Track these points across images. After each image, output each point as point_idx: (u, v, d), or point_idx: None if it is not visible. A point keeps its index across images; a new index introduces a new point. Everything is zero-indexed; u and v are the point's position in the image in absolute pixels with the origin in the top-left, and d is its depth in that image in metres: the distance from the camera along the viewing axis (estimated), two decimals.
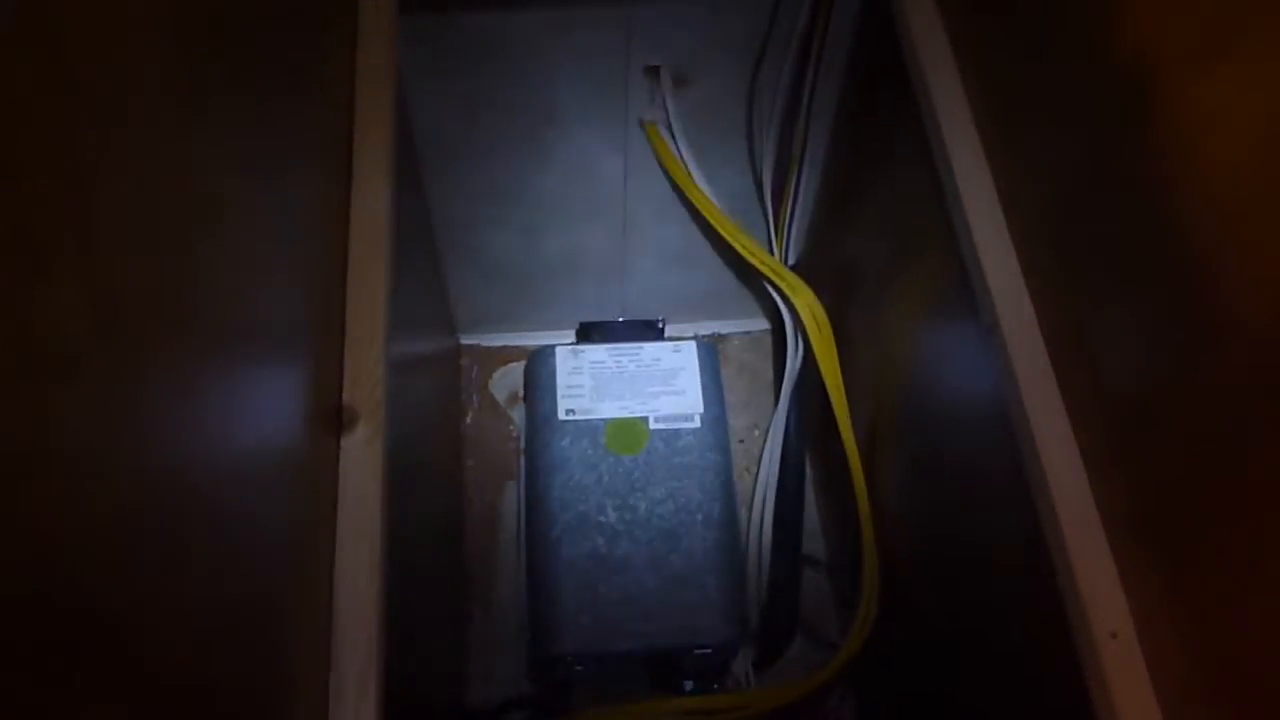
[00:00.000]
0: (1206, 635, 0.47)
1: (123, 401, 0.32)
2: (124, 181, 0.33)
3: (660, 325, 1.09)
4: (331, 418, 0.56)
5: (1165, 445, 0.50)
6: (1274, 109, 0.42)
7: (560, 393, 0.99)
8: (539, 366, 1.02)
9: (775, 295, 0.95)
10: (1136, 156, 0.50)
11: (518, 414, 1.12)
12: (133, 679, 0.33)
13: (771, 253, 0.97)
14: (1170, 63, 0.48)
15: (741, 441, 1.12)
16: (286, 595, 0.48)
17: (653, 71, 0.85)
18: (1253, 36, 0.43)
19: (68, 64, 0.30)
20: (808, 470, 1.03)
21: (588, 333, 1.09)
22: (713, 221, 0.93)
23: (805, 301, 0.93)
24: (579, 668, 0.92)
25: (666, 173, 0.93)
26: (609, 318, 1.11)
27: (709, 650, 0.91)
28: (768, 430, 1.01)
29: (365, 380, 0.58)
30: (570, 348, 1.02)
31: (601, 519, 0.94)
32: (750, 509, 1.00)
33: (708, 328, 1.18)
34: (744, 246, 0.94)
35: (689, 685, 0.94)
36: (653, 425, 0.98)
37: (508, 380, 1.15)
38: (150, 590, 0.34)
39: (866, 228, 0.91)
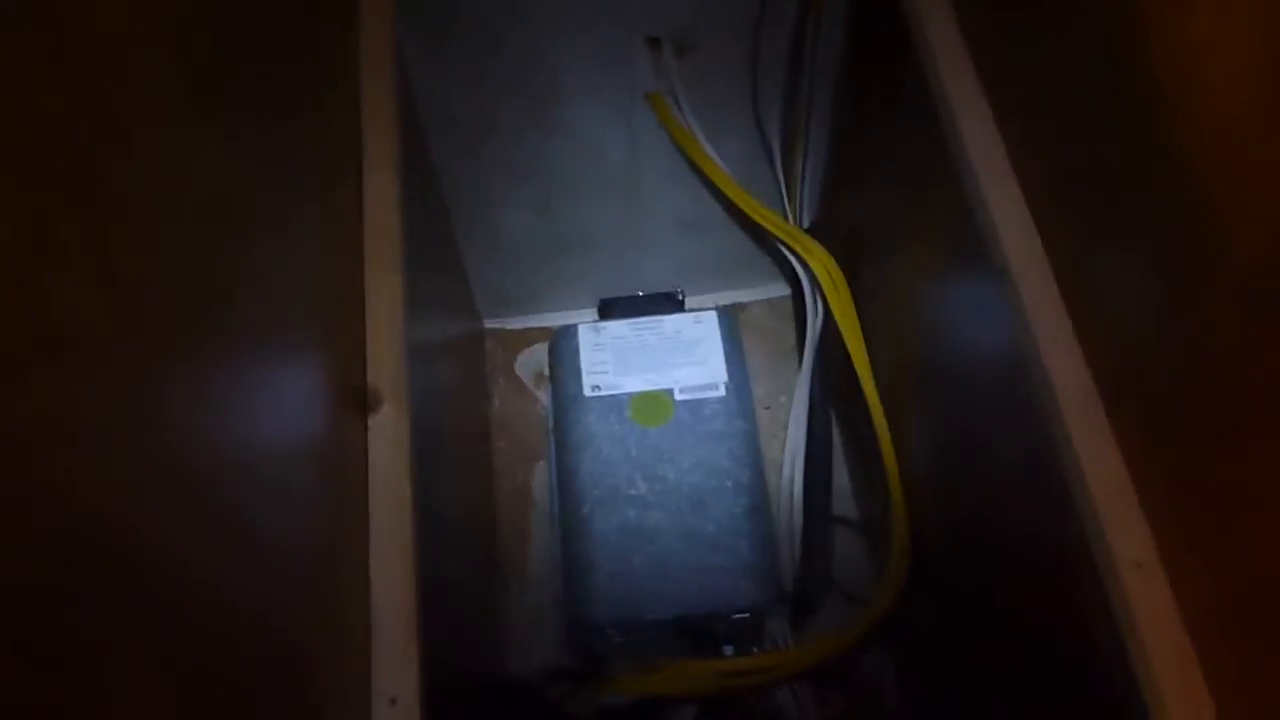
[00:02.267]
0: (1228, 557, 0.48)
1: (143, 380, 0.33)
2: (134, 175, 0.34)
3: (680, 296, 1.10)
4: (357, 400, 0.58)
5: (1174, 371, 0.50)
6: (1257, 37, 0.42)
7: (584, 370, 1.00)
8: (562, 345, 1.02)
9: (791, 258, 0.96)
10: (1130, 92, 0.51)
11: (544, 394, 1.13)
12: (173, 651, 0.34)
13: (785, 216, 0.97)
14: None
15: (767, 408, 1.13)
16: (320, 572, 0.49)
17: (654, 42, 0.86)
18: None
19: (79, 63, 0.31)
20: (835, 430, 1.03)
21: (608, 308, 1.10)
22: (723, 188, 0.94)
23: (821, 263, 0.93)
24: (617, 638, 0.93)
25: (675, 142, 0.94)
26: (628, 292, 1.12)
27: (745, 614, 0.92)
28: (793, 394, 1.01)
29: (388, 362, 0.59)
30: (592, 325, 1.03)
31: (632, 491, 0.95)
32: (779, 473, 1.00)
33: (728, 296, 1.18)
34: (756, 211, 0.94)
35: (729, 650, 0.95)
36: (678, 396, 0.99)
37: (533, 361, 1.16)
38: (184, 564, 0.35)
39: (877, 184, 0.91)
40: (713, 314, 1.03)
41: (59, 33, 0.30)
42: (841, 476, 1.08)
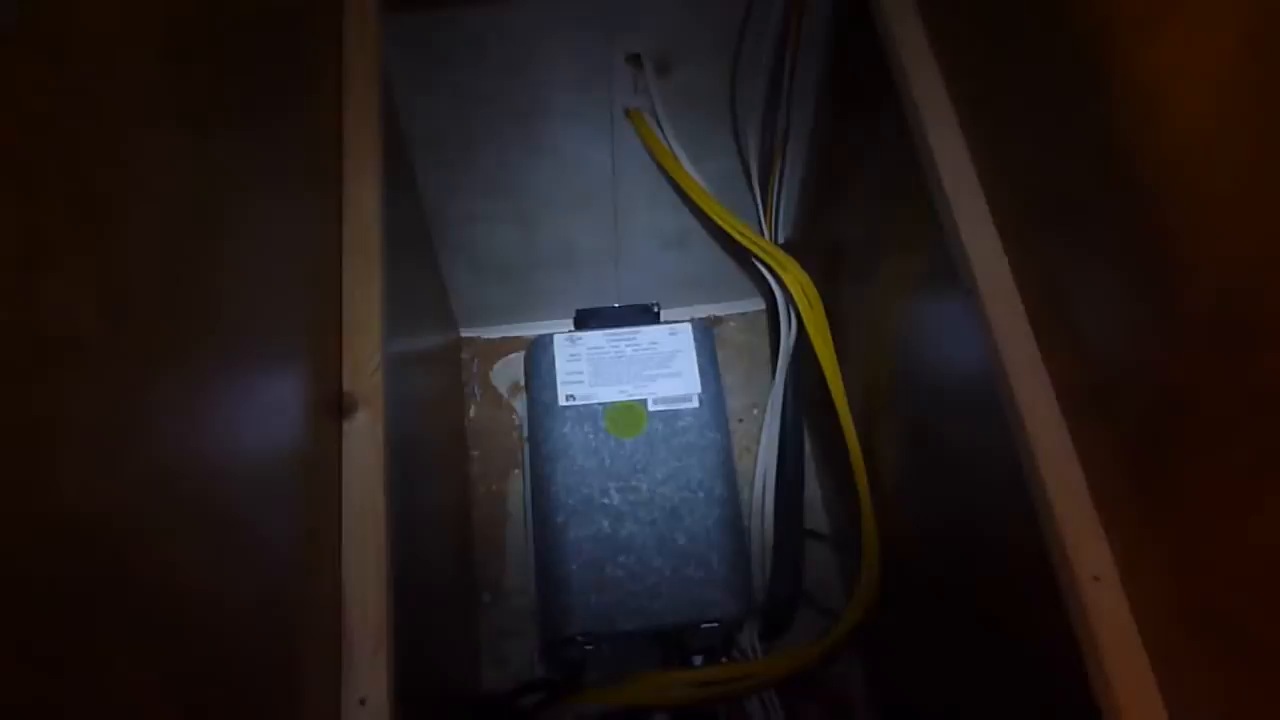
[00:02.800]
0: (1184, 572, 0.49)
1: (132, 384, 0.34)
2: (122, 179, 0.35)
3: (656, 309, 1.11)
4: (333, 406, 0.58)
5: (1137, 393, 0.51)
6: (1219, 70, 0.43)
7: (560, 380, 1.01)
8: (538, 355, 1.03)
9: (766, 274, 0.97)
10: (1097, 122, 0.52)
11: (520, 404, 1.13)
12: (165, 649, 0.34)
13: (761, 233, 0.98)
14: (1122, 29, 0.49)
15: (741, 421, 1.14)
16: (296, 573, 0.50)
17: (635, 59, 0.87)
18: (1192, 2, 0.44)
19: (68, 67, 0.32)
20: (807, 444, 1.04)
21: (585, 320, 1.11)
22: (702, 205, 0.95)
23: (795, 278, 0.94)
24: (590, 648, 0.94)
25: (654, 159, 0.95)
26: (605, 304, 1.13)
27: (716, 625, 0.93)
28: (766, 408, 1.02)
29: (364, 368, 0.60)
30: (568, 335, 1.04)
31: (605, 501, 0.96)
32: (752, 486, 1.02)
33: (703, 310, 1.20)
34: (734, 228, 0.95)
35: (698, 660, 0.96)
36: (652, 407, 1.00)
37: (509, 371, 1.16)
38: (173, 565, 0.36)
39: (852, 204, 0.93)
40: (688, 326, 1.04)
41: (50, 33, 0.31)
42: (813, 489, 1.09)
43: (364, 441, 0.57)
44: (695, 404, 1.00)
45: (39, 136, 0.30)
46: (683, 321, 1.05)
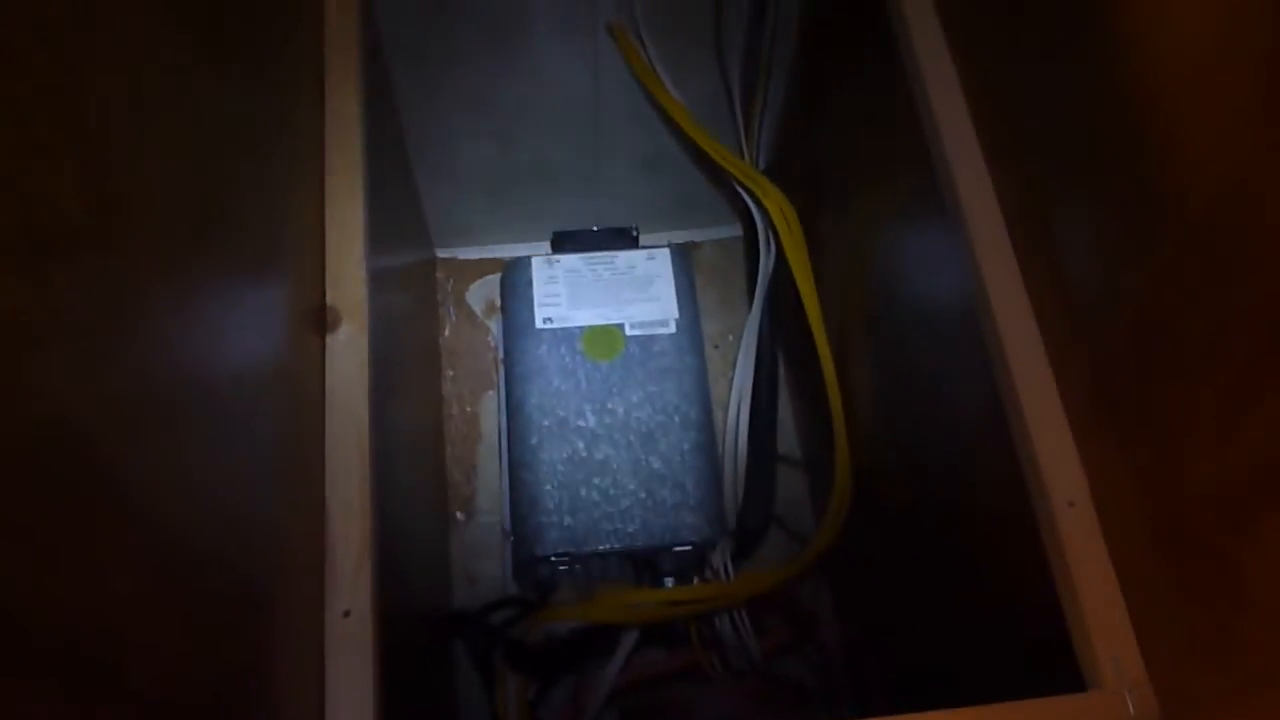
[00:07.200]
0: (1156, 499, 0.50)
1: (121, 285, 0.33)
2: (114, 79, 0.34)
3: (634, 233, 1.10)
4: (316, 319, 0.58)
5: (1117, 320, 0.52)
6: None
7: (537, 302, 1.01)
8: (515, 277, 1.03)
9: (746, 198, 0.97)
10: (1090, 42, 0.52)
11: (495, 325, 1.13)
12: (134, 548, 0.34)
13: (742, 157, 0.98)
14: None
15: (716, 346, 1.14)
16: (279, 486, 0.50)
17: None
18: None
19: None
20: (782, 370, 1.05)
21: (562, 242, 1.10)
22: (684, 127, 0.94)
23: (775, 203, 0.94)
24: (563, 568, 0.95)
25: (636, 78, 0.94)
26: (583, 227, 1.12)
27: (688, 548, 0.94)
28: (741, 334, 1.02)
29: (346, 282, 0.60)
30: (546, 257, 1.03)
31: (580, 423, 0.96)
32: (726, 411, 1.02)
33: (681, 235, 1.19)
34: (715, 151, 0.94)
35: (670, 582, 0.97)
36: (629, 331, 1.00)
37: (485, 292, 1.16)
38: (150, 471, 0.35)
39: (836, 129, 0.92)
40: (666, 251, 1.04)
41: None
42: (786, 415, 1.10)
43: (348, 355, 0.57)
44: (672, 329, 1.00)
45: (46, 40, 0.29)
46: (661, 246, 1.05)
